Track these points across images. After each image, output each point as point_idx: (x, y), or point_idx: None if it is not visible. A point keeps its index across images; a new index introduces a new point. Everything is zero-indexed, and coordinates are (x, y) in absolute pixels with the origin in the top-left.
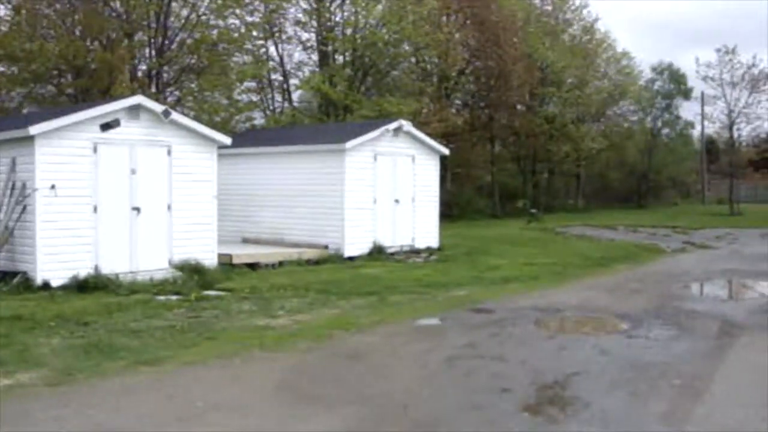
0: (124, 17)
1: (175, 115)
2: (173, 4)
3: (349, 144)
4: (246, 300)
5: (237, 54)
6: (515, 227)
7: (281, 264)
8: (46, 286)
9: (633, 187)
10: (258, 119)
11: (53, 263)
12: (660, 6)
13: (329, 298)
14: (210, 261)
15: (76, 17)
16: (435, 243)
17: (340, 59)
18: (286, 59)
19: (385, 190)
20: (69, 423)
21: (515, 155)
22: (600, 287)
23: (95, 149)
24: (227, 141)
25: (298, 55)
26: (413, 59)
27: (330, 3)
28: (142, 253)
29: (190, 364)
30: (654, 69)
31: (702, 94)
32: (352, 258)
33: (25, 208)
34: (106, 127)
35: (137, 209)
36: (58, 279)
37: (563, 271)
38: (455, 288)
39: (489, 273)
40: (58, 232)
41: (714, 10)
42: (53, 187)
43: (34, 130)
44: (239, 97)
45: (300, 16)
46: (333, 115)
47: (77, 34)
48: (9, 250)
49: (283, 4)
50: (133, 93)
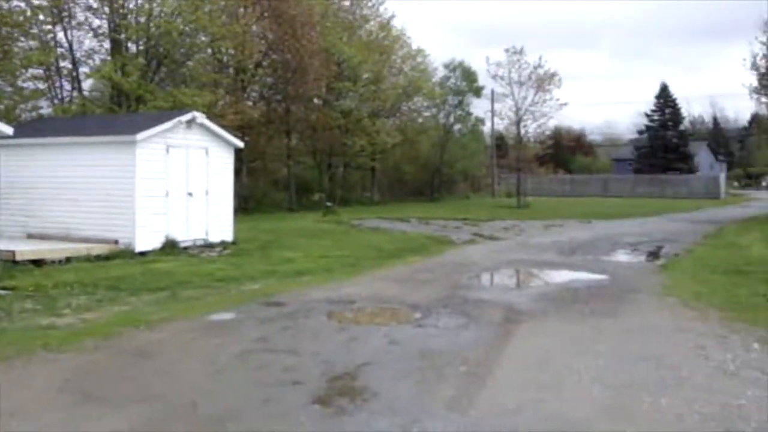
0: None
1: None
2: None
3: (140, 136)
4: (29, 298)
5: (22, 39)
6: (311, 220)
7: (69, 260)
8: None
9: (426, 181)
10: (45, 108)
11: None
12: (458, 7)
13: (119, 294)
14: None
15: None
16: (230, 237)
17: (133, 48)
18: (75, 46)
19: (178, 183)
20: None
21: (312, 149)
22: (392, 278)
23: None
24: (8, 131)
25: (88, 43)
26: (209, 50)
27: None
28: None
29: None
30: (447, 66)
31: (492, 91)
32: (143, 253)
33: None
34: None
35: None
36: None
37: (357, 264)
38: (249, 282)
39: (283, 266)
40: None
41: (507, 12)
42: None
43: None
44: (24, 85)
45: (91, 1)
46: (125, 106)
47: None
48: None
49: None
50: None
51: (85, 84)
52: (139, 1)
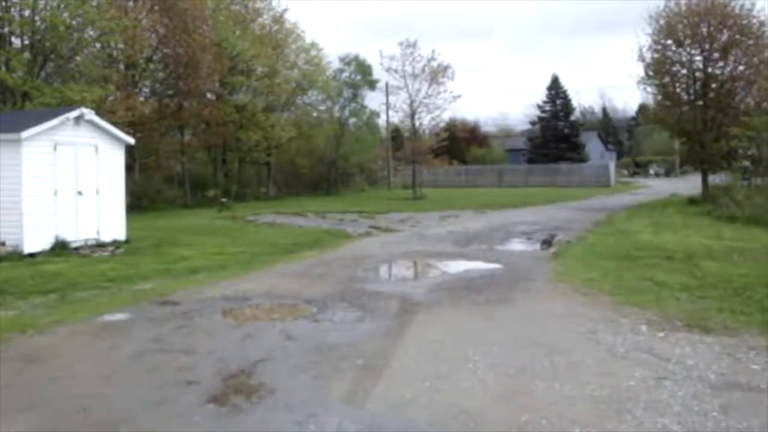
0: None
1: None
2: None
3: (26, 134)
4: None
5: None
6: (206, 217)
7: None
8: None
9: (323, 175)
10: None
11: None
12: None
13: (5, 298)
14: None
15: None
16: (122, 235)
17: (17, 43)
18: None
19: (67, 181)
20: None
21: (206, 144)
22: (288, 274)
23: None
24: None
25: None
26: (98, 45)
27: None
28: None
29: None
30: (342, 60)
31: (387, 84)
32: (32, 254)
33: None
34: None
35: None
36: None
37: (252, 260)
38: (142, 281)
39: (177, 264)
40: None
41: (401, 5)
42: None
43: None
44: None
45: None
46: (10, 103)
47: None
48: None
49: None
50: None
51: None
52: None
